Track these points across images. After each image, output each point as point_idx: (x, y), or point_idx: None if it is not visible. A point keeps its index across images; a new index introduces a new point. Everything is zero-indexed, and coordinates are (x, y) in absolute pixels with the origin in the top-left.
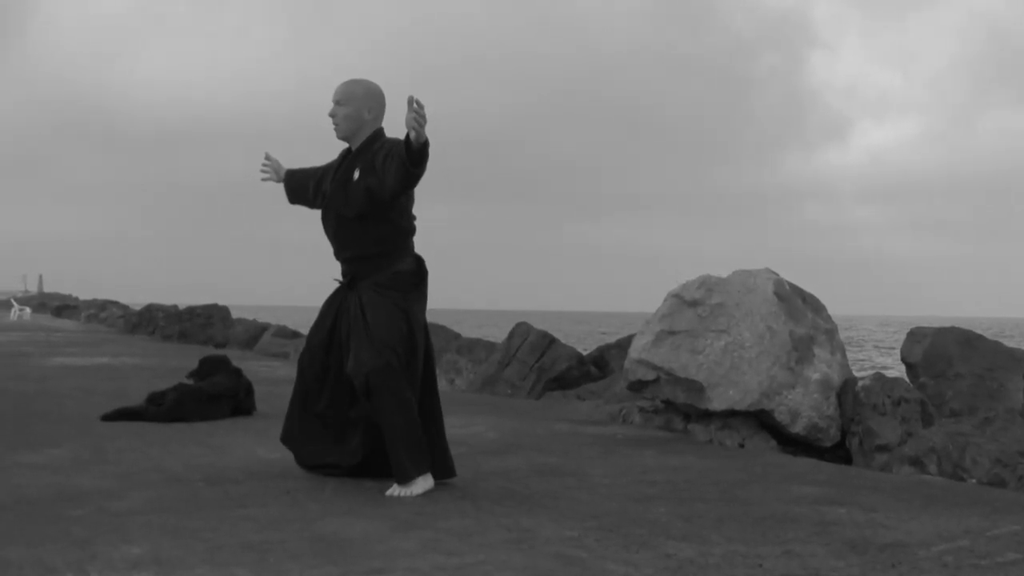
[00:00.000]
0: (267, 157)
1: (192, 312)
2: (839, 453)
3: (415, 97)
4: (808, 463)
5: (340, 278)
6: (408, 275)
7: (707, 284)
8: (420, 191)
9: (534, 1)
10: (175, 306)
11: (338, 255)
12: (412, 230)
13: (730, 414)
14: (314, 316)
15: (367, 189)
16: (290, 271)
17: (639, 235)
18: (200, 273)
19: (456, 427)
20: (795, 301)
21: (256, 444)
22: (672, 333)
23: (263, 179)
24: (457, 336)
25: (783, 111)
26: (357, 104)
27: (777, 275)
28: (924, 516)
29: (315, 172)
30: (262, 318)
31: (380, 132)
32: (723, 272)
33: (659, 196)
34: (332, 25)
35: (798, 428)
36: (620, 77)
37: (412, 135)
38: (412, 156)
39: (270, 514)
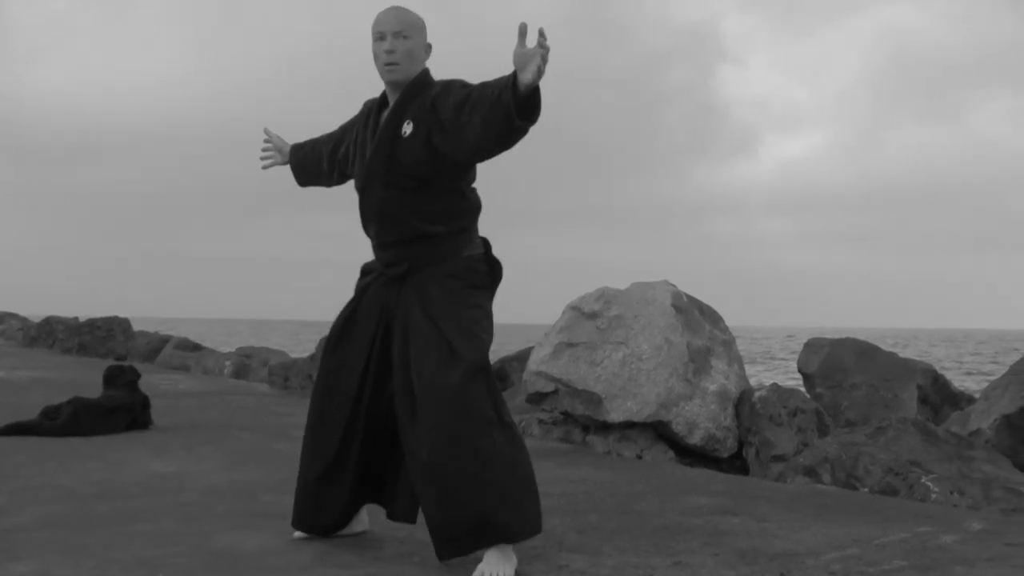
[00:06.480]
0: (267, 134)
1: (92, 324)
2: (736, 463)
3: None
4: (705, 474)
5: (377, 267)
6: (480, 263)
7: (605, 296)
8: (316, 201)
9: (443, 14)
10: (75, 318)
11: (380, 237)
12: (479, 204)
13: (628, 426)
14: (212, 328)
15: (429, 147)
16: (192, 283)
17: (543, 247)
18: (101, 285)
19: None
20: (693, 313)
21: (152, 458)
22: (571, 345)
23: (265, 166)
24: None
25: (693, 124)
26: (420, 38)
27: (675, 287)
28: (815, 525)
29: (329, 139)
30: (164, 330)
31: (427, 73)
32: (623, 284)
33: (566, 209)
34: (240, 38)
35: (695, 439)
36: None
37: (529, 76)
38: (523, 105)
39: (164, 529)
